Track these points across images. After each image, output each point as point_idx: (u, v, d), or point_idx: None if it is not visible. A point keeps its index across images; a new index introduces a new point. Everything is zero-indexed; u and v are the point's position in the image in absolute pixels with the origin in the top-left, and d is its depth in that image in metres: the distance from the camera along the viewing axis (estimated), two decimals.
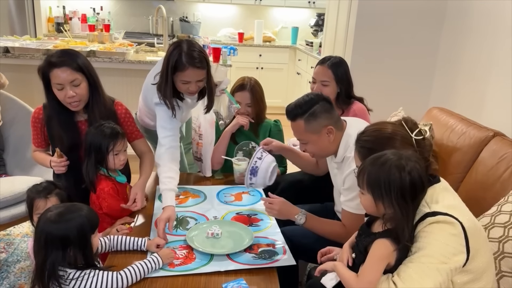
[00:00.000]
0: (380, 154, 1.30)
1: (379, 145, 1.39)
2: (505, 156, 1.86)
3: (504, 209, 1.61)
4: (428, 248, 1.22)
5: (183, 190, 2.16)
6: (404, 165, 1.24)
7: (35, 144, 2.02)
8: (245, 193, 2.15)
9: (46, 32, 5.09)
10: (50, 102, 1.90)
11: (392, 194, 1.23)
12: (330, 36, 3.97)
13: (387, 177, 1.24)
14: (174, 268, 1.52)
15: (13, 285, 2.18)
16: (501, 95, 2.51)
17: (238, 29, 5.87)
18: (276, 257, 1.60)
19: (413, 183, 1.24)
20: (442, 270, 1.21)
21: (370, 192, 1.28)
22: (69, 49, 1.89)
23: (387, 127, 1.46)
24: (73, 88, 1.84)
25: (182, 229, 1.79)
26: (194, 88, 1.91)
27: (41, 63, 1.86)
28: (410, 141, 1.41)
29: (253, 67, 5.67)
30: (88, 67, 1.91)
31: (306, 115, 1.73)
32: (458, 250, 1.23)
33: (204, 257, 1.59)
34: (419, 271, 1.22)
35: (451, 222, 1.24)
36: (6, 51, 3.32)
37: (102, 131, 1.83)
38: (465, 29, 2.92)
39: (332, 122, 1.75)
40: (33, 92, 3.37)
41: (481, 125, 2.11)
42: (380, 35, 3.25)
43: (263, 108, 2.37)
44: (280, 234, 1.77)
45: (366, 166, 1.30)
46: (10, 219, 2.20)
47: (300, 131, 1.75)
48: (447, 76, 3.13)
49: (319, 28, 5.42)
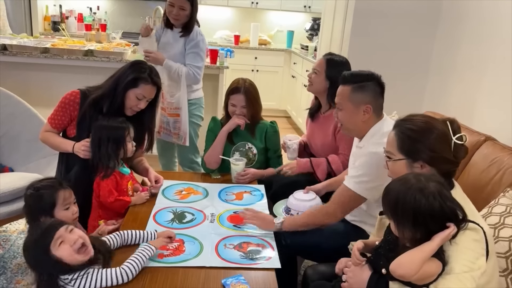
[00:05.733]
0: (403, 177, 1.28)
1: (417, 134, 1.39)
2: (496, 160, 1.91)
3: (494, 211, 1.67)
4: (458, 257, 1.22)
5: (187, 186, 2.20)
6: (425, 190, 1.20)
7: (52, 124, 2.04)
8: (246, 193, 2.18)
9: (42, 31, 5.09)
10: (116, 98, 1.99)
11: (410, 220, 1.21)
12: (325, 40, 4.02)
13: (407, 202, 1.20)
14: (162, 259, 1.56)
15: (10, 281, 2.20)
16: (493, 100, 2.57)
17: (234, 32, 5.91)
18: (262, 260, 1.60)
19: (432, 210, 1.19)
20: (475, 277, 1.21)
21: (391, 217, 1.26)
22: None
23: (425, 118, 1.45)
24: (145, 103, 2.04)
25: (178, 222, 1.84)
26: (176, 12, 2.66)
27: (142, 74, 1.99)
28: (449, 141, 1.41)
29: (249, 69, 5.72)
30: (159, 91, 2.12)
31: (356, 85, 1.78)
32: (479, 253, 1.24)
33: (193, 251, 1.63)
34: (458, 282, 1.20)
35: (474, 228, 1.26)
36: (3, 48, 3.32)
37: (114, 121, 1.93)
38: (458, 33, 2.99)
39: (374, 104, 1.80)
40: (30, 89, 3.39)
41: (473, 130, 2.17)
42: (375, 40, 3.30)
43: (258, 109, 2.40)
44: (272, 235, 1.78)
45: (389, 191, 1.27)
46: (7, 215, 2.20)
47: (343, 96, 1.81)
48: (440, 81, 3.20)
49: (314, 32, 5.49)
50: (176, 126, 2.84)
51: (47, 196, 1.64)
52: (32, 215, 1.66)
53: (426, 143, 1.39)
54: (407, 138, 1.42)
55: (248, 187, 2.24)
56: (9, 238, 2.63)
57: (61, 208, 1.65)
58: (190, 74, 2.76)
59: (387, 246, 1.35)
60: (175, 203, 2.01)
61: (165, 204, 2.00)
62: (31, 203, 1.65)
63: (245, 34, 6.00)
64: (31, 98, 2.83)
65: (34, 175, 2.35)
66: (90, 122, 1.99)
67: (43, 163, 2.53)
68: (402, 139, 1.43)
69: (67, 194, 1.68)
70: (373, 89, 1.80)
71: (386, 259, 1.32)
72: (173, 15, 2.69)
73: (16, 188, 2.22)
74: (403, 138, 1.43)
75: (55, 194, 1.64)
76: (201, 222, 1.86)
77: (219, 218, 1.91)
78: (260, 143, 2.41)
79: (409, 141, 1.41)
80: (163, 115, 2.84)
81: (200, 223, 1.85)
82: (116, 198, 1.91)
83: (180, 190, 2.15)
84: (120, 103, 1.99)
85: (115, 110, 1.99)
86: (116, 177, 1.94)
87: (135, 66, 2.02)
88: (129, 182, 2.01)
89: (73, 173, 2.02)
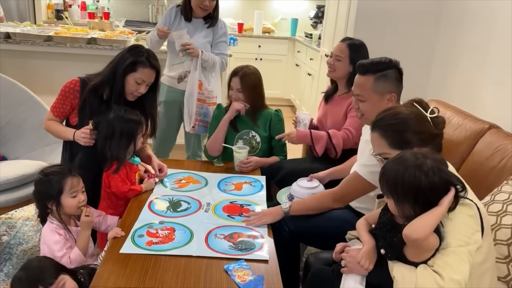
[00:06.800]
0: (399, 156, 1.29)
1: (398, 126, 1.42)
2: (499, 148, 1.91)
3: (497, 198, 1.67)
4: (454, 232, 1.24)
5: (188, 175, 2.21)
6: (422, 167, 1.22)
7: (54, 112, 2.06)
8: (246, 183, 2.17)
9: (46, 19, 5.08)
10: (116, 84, 1.98)
11: (410, 197, 1.22)
12: (330, 27, 3.99)
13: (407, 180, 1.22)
14: (150, 246, 1.57)
15: (16, 267, 2.23)
16: (497, 88, 2.55)
17: (237, 20, 5.87)
18: (251, 251, 1.59)
19: (433, 185, 1.21)
20: (472, 251, 1.23)
21: (390, 196, 1.27)
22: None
23: (401, 109, 1.48)
24: (145, 87, 2.02)
25: (173, 211, 1.84)
26: (209, 3, 2.72)
27: (140, 57, 1.97)
28: (426, 119, 1.44)
29: (252, 58, 5.69)
30: (159, 75, 2.08)
31: (378, 74, 1.75)
32: (474, 229, 1.26)
33: (182, 239, 1.63)
34: (455, 257, 1.22)
35: (468, 204, 1.27)
36: (7, 36, 3.32)
37: (129, 118, 1.93)
38: (462, 22, 2.95)
39: (397, 92, 1.78)
40: (34, 77, 3.39)
41: (477, 118, 2.16)
42: (379, 28, 3.28)
43: (256, 96, 2.39)
44: (265, 228, 1.75)
45: (386, 171, 1.29)
46: (13, 202, 2.22)
47: (365, 87, 1.77)
48: (443, 69, 3.17)
49: (318, 20, 5.43)
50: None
51: (55, 182, 1.66)
52: (40, 200, 1.69)
53: (411, 130, 1.42)
54: (393, 133, 1.44)
55: (248, 177, 2.23)
56: (15, 224, 2.66)
57: (68, 195, 1.67)
58: (223, 63, 2.82)
59: (384, 228, 1.36)
60: (173, 192, 2.01)
61: (163, 192, 2.00)
62: (39, 188, 1.68)
63: (248, 22, 5.96)
64: (34, 86, 2.83)
65: (38, 162, 2.37)
66: (91, 109, 1.99)
67: (47, 150, 2.54)
68: (389, 136, 1.45)
69: (75, 181, 1.70)
70: (395, 77, 1.78)
71: (384, 239, 1.33)
72: (204, 6, 2.71)
73: (20, 175, 2.24)
74: (390, 135, 1.45)
75: (63, 180, 1.66)
76: (196, 211, 1.86)
77: (215, 208, 1.90)
78: (264, 131, 2.41)
79: (396, 135, 1.43)
80: (200, 107, 2.74)
81: (194, 212, 1.85)
82: (130, 188, 1.93)
83: (180, 179, 2.15)
84: (120, 89, 1.99)
85: (116, 96, 1.99)
86: (126, 167, 1.95)
87: (133, 50, 2.01)
88: (137, 173, 2.03)
89: (77, 161, 2.03)
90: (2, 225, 2.64)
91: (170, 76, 2.83)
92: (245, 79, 2.34)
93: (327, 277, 1.50)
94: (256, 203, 1.95)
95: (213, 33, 2.82)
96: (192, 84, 2.68)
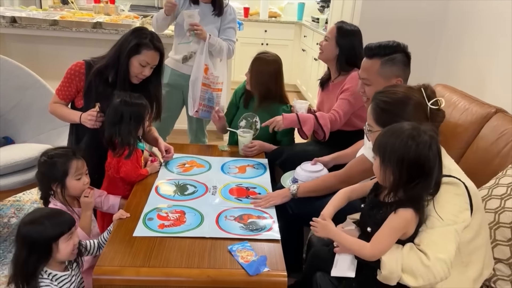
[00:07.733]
0: (397, 124, 1.30)
1: (393, 107, 1.42)
2: (505, 132, 1.89)
3: (501, 182, 1.66)
4: (441, 211, 1.25)
5: (190, 159, 2.22)
6: (416, 137, 1.23)
7: (60, 95, 2.06)
8: (249, 166, 2.18)
9: (52, 4, 5.06)
10: (120, 67, 1.98)
11: (395, 162, 1.24)
12: (337, 11, 3.95)
13: (398, 144, 1.24)
14: (163, 229, 1.59)
15: None
16: (504, 72, 2.52)
17: (243, 4, 5.81)
18: (262, 231, 1.61)
19: (419, 155, 1.22)
20: (459, 230, 1.24)
21: (378, 155, 1.29)
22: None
23: (401, 89, 1.47)
24: (150, 70, 2.02)
25: (180, 194, 1.85)
26: None
27: (143, 39, 1.97)
28: (425, 108, 1.43)
29: (258, 42, 5.65)
30: (163, 57, 2.08)
31: (385, 58, 1.74)
32: (463, 207, 1.27)
33: (194, 222, 1.64)
34: (441, 235, 1.23)
35: (454, 183, 1.28)
36: (13, 21, 3.33)
37: (135, 102, 1.92)
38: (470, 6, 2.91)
39: (403, 77, 1.76)
40: (40, 61, 3.41)
41: (483, 102, 2.14)
42: (386, 11, 3.24)
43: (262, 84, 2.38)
44: (273, 209, 1.77)
45: (384, 132, 1.31)
46: (21, 185, 2.26)
47: (372, 70, 1.76)
48: (451, 52, 3.14)
49: (325, 4, 5.37)
50: (217, 102, 2.79)
51: (60, 164, 1.66)
52: (43, 182, 1.69)
53: (400, 115, 1.40)
54: (381, 111, 1.44)
55: (251, 160, 2.24)
56: (23, 207, 2.70)
57: (72, 178, 1.68)
58: (230, 49, 2.79)
59: (368, 207, 1.40)
60: (178, 176, 2.03)
61: (168, 176, 2.02)
62: (44, 170, 1.68)
63: (254, 6, 5.90)
64: (40, 70, 2.85)
65: (45, 146, 2.39)
66: (96, 92, 2.00)
67: (54, 134, 2.56)
68: (377, 112, 1.45)
69: (80, 164, 1.70)
70: (402, 61, 1.76)
71: (369, 217, 1.36)
72: None
73: (28, 158, 2.27)
74: (378, 111, 1.45)
75: (68, 163, 1.66)
76: (203, 194, 1.87)
77: (221, 191, 1.91)
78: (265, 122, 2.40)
79: (384, 114, 1.44)
80: (205, 91, 2.73)
81: (202, 195, 1.86)
82: (140, 173, 1.95)
83: (183, 163, 2.16)
84: (125, 71, 1.99)
85: (120, 79, 2.00)
86: (136, 153, 1.97)
87: (136, 32, 2.01)
88: (142, 157, 2.04)
89: (83, 143, 2.05)
90: (11, 207, 2.69)
91: (175, 58, 2.82)
92: (256, 63, 2.35)
93: (325, 257, 1.52)
94: (261, 186, 1.97)
95: (222, 19, 2.79)
96: (198, 68, 2.67)
